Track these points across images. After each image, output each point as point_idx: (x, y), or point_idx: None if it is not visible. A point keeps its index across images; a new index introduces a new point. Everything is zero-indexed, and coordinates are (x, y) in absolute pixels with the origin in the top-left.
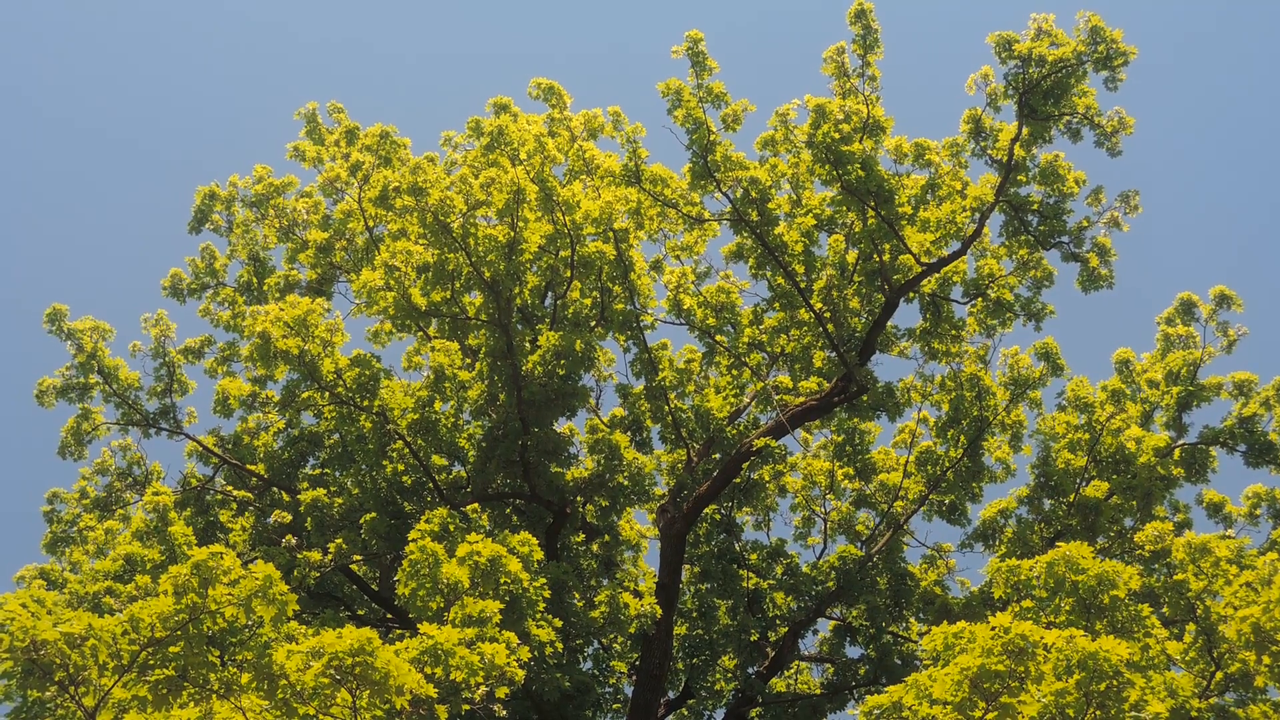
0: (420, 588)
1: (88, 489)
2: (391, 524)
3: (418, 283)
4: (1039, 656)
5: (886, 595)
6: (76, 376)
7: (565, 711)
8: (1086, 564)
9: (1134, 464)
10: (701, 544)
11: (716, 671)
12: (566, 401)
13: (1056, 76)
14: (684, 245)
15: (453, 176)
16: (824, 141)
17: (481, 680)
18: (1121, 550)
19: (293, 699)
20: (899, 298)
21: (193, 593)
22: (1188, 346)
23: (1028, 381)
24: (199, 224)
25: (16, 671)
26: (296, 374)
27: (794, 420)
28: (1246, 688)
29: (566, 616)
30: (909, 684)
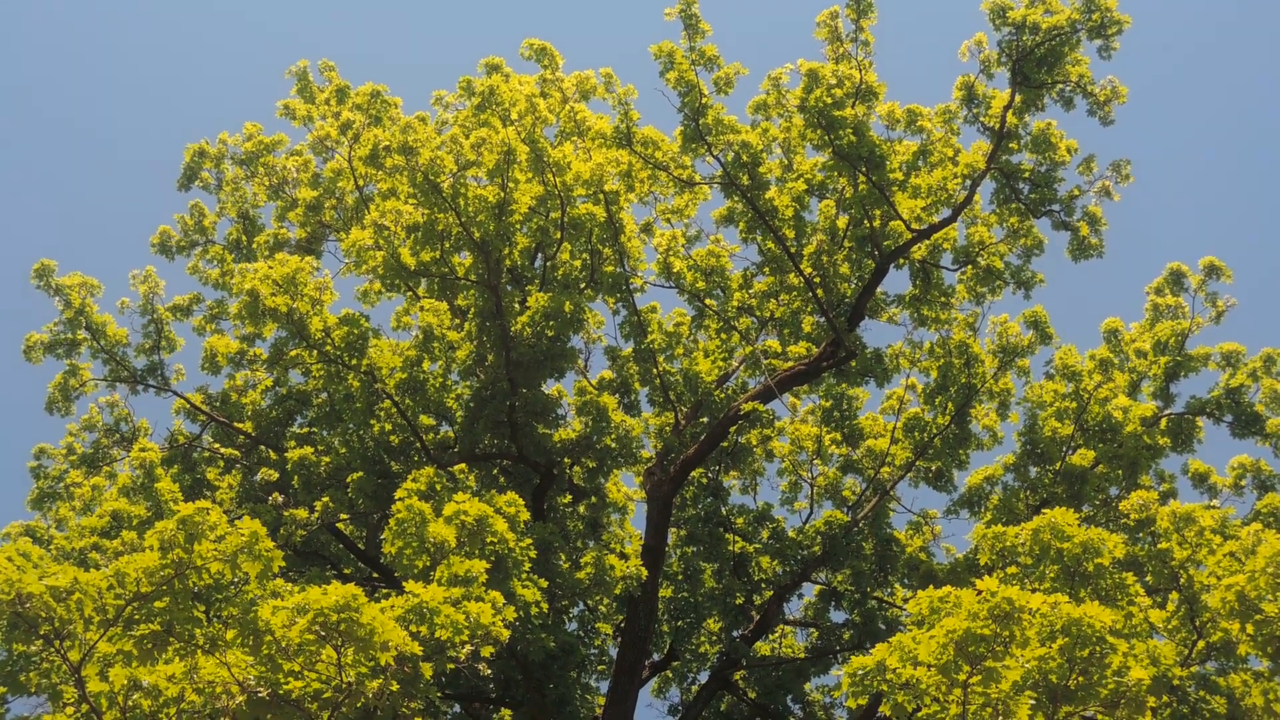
0: (407, 546)
1: (75, 445)
2: (378, 483)
3: (407, 242)
4: (1023, 622)
5: (872, 560)
6: (64, 332)
7: (550, 671)
8: (1071, 532)
9: (1120, 433)
10: (688, 507)
11: (701, 634)
12: (555, 363)
13: (1050, 44)
14: (674, 208)
15: (444, 136)
16: (816, 106)
17: (467, 639)
18: (1106, 519)
19: (278, 655)
20: (889, 264)
21: (179, 548)
22: (1176, 317)
23: (1016, 350)
24: (188, 181)
25: (2, 625)
26: (285, 332)
27: (782, 385)
28: (1228, 656)
29: (552, 577)
30: (893, 645)
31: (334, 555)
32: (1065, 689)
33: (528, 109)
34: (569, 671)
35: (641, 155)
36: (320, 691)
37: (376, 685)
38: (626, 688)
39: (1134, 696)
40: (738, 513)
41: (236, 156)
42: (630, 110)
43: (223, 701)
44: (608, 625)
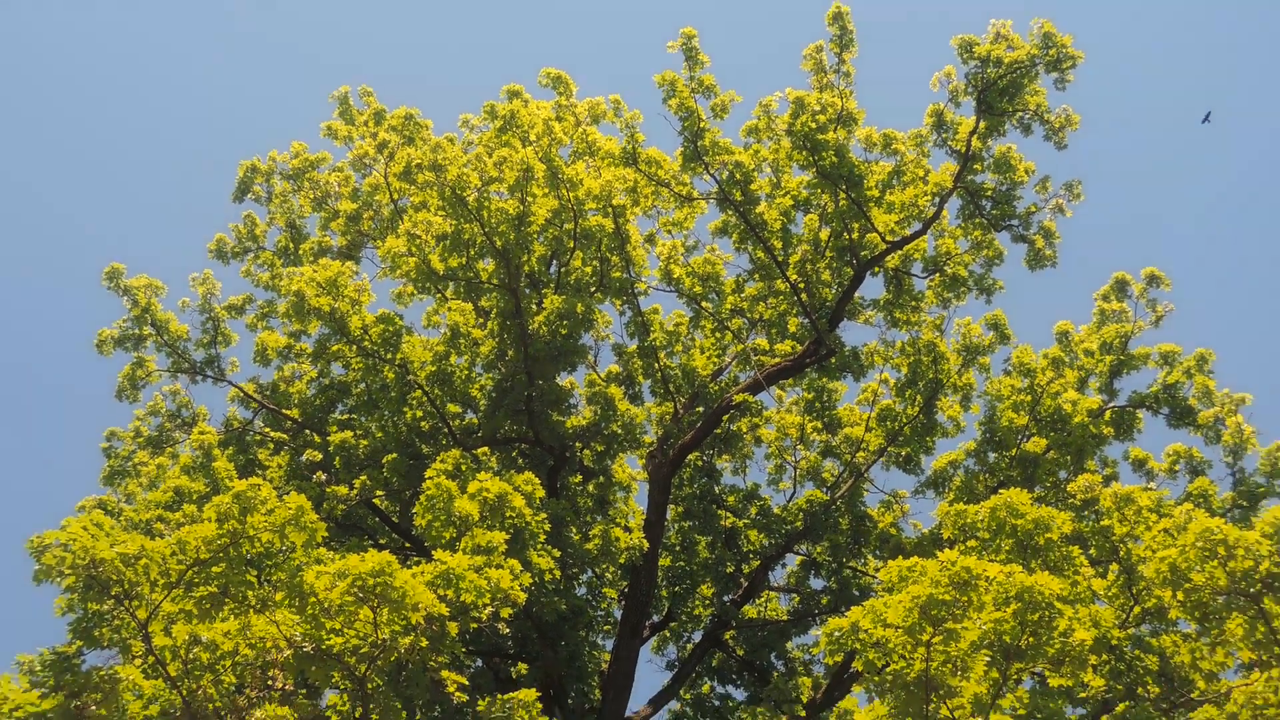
0: (435, 520)
1: (141, 429)
2: (410, 464)
3: (436, 250)
4: (981, 588)
5: (847, 535)
6: (132, 328)
7: (562, 631)
8: (1025, 510)
9: (1069, 423)
10: (685, 486)
11: (696, 599)
12: (568, 358)
13: (1012, 76)
14: (675, 221)
15: (469, 155)
16: (802, 130)
17: (488, 601)
18: (1056, 499)
19: (320, 614)
20: (865, 271)
21: (233, 520)
22: (1120, 320)
23: (978, 349)
24: (241, 194)
25: (78, 586)
26: (328, 329)
27: (769, 379)
28: (1161, 620)
29: (564, 548)
30: (866, 609)
31: (371, 527)
32: (1017, 648)
33: (544, 131)
34: (578, 631)
35: (646, 173)
36: (358, 647)
37: (408, 641)
38: (629, 645)
39: (1077, 655)
40: (729, 492)
41: (284, 172)
42: (636, 133)
43: (272, 655)
44: (613, 590)
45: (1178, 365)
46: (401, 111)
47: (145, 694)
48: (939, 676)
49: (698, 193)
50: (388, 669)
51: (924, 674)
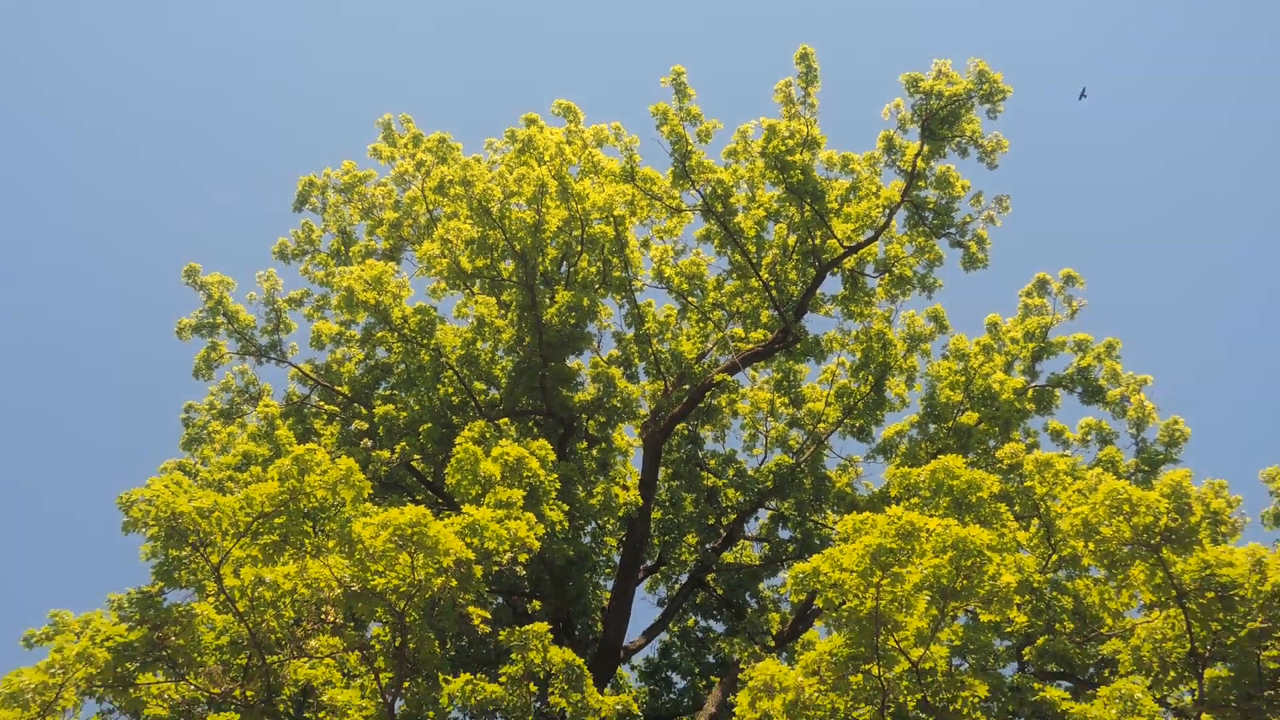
0: (463, 479)
1: (214, 402)
2: (442, 432)
3: (465, 253)
4: (922, 539)
5: (810, 493)
6: (207, 318)
7: (569, 573)
8: (959, 473)
9: (998, 400)
10: (673, 452)
11: (682, 546)
12: (575, 344)
13: (951, 108)
14: (666, 229)
15: (493, 173)
16: (773, 153)
17: (508, 548)
18: (986, 464)
19: (366, 559)
20: (826, 272)
21: (293, 479)
22: (1041, 313)
23: (920, 337)
24: (300, 204)
25: (160, 535)
26: (373, 319)
27: (744, 361)
28: (1075, 566)
29: (572, 503)
30: (825, 556)
31: (409, 485)
32: (953, 589)
33: (556, 153)
34: (584, 573)
35: (641, 189)
36: (398, 586)
37: (440, 582)
38: (626, 586)
39: (1004, 596)
40: (710, 456)
41: (336, 186)
42: (634, 154)
43: (325, 593)
44: (613, 539)
45: (1089, 351)
46: (436, 136)
47: (217, 626)
48: (887, 613)
49: (685, 205)
50: (423, 605)
51: (874, 611)
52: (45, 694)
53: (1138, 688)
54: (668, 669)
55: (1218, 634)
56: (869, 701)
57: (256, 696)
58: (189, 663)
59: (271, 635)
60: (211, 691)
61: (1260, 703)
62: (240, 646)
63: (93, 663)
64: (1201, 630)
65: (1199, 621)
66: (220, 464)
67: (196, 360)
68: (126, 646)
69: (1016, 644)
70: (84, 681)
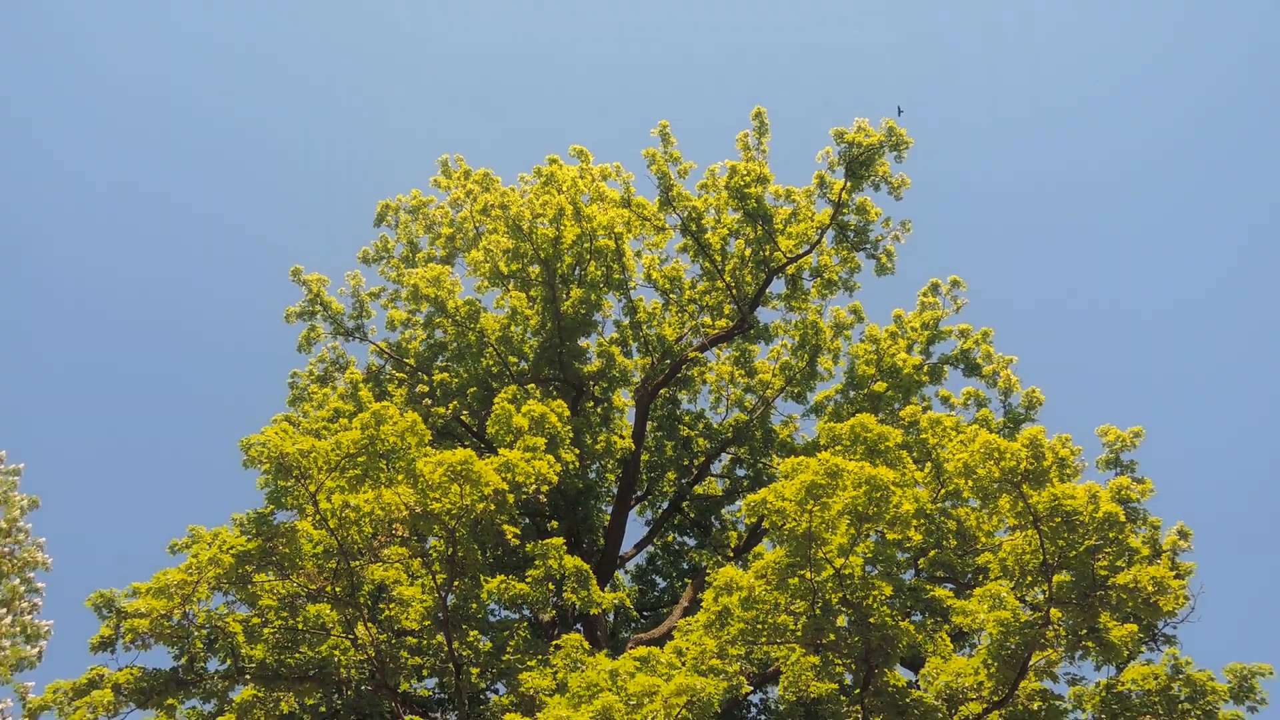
0: (500, 429)
1: (313, 371)
2: (485, 394)
3: (502, 259)
4: (844, 477)
5: (760, 442)
6: (308, 307)
7: (579, 500)
8: (872, 427)
9: (901, 373)
10: (658, 410)
11: (664, 481)
12: (585, 328)
13: (867, 154)
14: (653, 243)
15: (524, 199)
16: (735, 186)
17: (533, 481)
18: (892, 421)
19: (426, 489)
20: (773, 276)
21: (371, 429)
22: (934, 309)
23: (844, 325)
24: (379, 221)
25: (271, 470)
26: (433, 308)
27: (711, 343)
28: (957, 498)
29: (581, 447)
30: (771, 489)
31: (459, 434)
32: (866, 515)
33: (571, 185)
34: (590, 501)
35: (635, 212)
36: (450, 509)
37: (482, 506)
38: (622, 510)
39: (904, 519)
40: (685, 414)
41: (406, 208)
42: (630, 187)
43: (395, 515)
44: (612, 475)
45: (970, 337)
46: (481, 171)
47: (314, 539)
48: (817, 532)
49: (668, 225)
50: (469, 524)
51: (808, 530)
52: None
53: (1004, 589)
54: (652, 573)
55: (1063, 549)
56: (803, 598)
57: (343, 592)
58: (292, 566)
59: (354, 546)
60: (309, 588)
61: (1093, 600)
62: (331, 554)
63: (220, 565)
64: (1051, 546)
65: (1049, 540)
66: (317, 417)
67: (299, 339)
68: (245, 553)
69: (914, 556)
70: (214, 579)
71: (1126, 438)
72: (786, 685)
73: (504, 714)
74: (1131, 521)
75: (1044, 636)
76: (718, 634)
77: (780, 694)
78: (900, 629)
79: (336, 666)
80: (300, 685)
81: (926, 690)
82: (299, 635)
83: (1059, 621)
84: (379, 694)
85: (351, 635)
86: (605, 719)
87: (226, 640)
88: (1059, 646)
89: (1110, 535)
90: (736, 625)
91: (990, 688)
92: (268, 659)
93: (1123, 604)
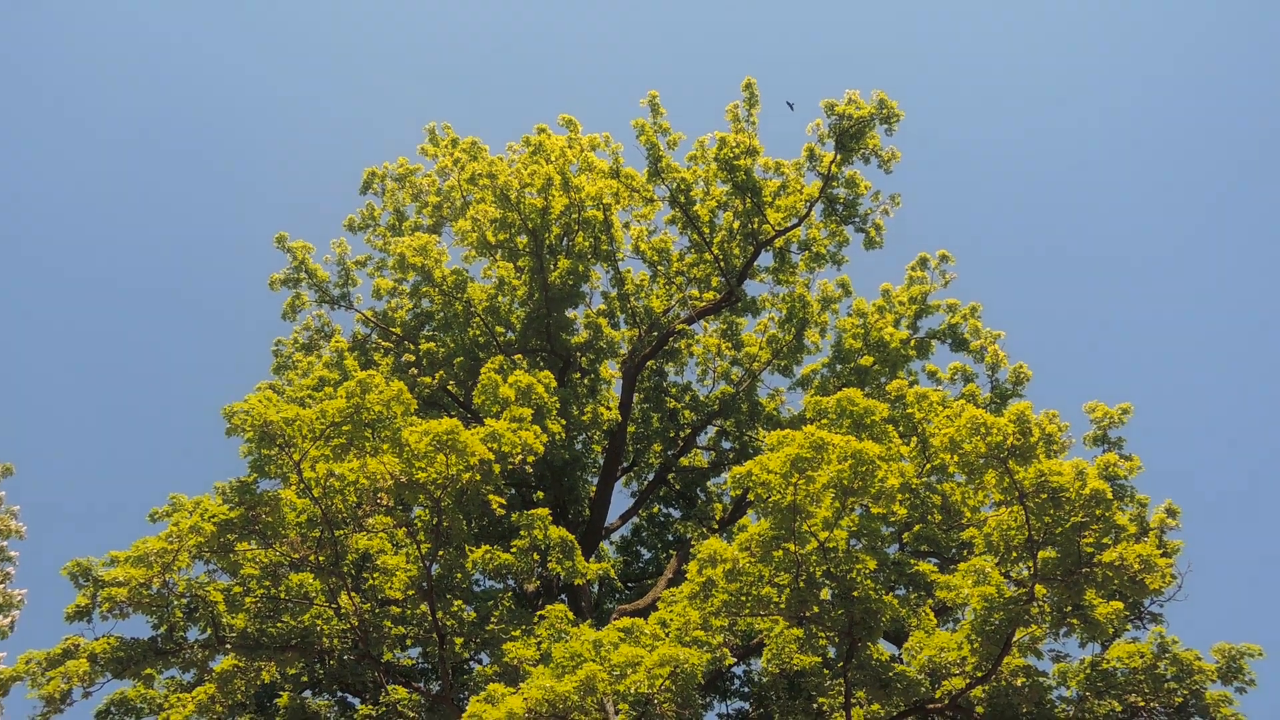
0: (487, 399)
1: (297, 338)
2: (471, 364)
3: (490, 229)
4: (829, 450)
5: (746, 414)
6: (293, 274)
7: (565, 471)
8: (858, 401)
9: (888, 348)
10: (645, 382)
11: (650, 453)
12: (573, 299)
13: (858, 127)
14: (642, 214)
15: (512, 169)
16: (724, 158)
17: (520, 452)
18: (878, 395)
19: (412, 458)
20: (761, 249)
21: (357, 397)
22: (922, 283)
23: (831, 299)
24: (365, 189)
25: (254, 438)
26: (420, 277)
27: (699, 315)
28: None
29: (568, 418)
30: (756, 461)
31: (445, 404)
32: (851, 488)
33: (560, 155)
34: (576, 472)
35: (624, 183)
36: (436, 479)
37: (468, 476)
38: (608, 481)
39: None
40: (672, 386)
41: (393, 176)
42: (619, 158)
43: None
44: (598, 446)
45: (958, 312)
46: (469, 139)
47: (297, 508)
48: (802, 505)
49: (657, 196)
50: (454, 493)
51: (792, 503)
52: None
53: (988, 564)
54: (637, 544)
55: (1048, 525)
56: (787, 570)
57: (326, 561)
58: (275, 535)
59: (338, 515)
60: (292, 557)
61: (1078, 577)
62: (315, 523)
63: (202, 533)
64: (1036, 522)
65: (1035, 516)
66: (301, 385)
67: (284, 306)
68: (228, 522)
69: (898, 530)
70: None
71: (1115, 414)
72: (770, 657)
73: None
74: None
75: (1028, 613)
76: (702, 605)
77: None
78: (884, 603)
79: (319, 636)
80: (282, 655)
81: (909, 664)
82: (281, 604)
83: (1044, 598)
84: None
85: (335, 604)
86: (589, 689)
87: (207, 609)
88: (1043, 623)
89: (1097, 512)
90: (720, 597)
91: (974, 663)
92: (249, 628)
93: (1108, 581)
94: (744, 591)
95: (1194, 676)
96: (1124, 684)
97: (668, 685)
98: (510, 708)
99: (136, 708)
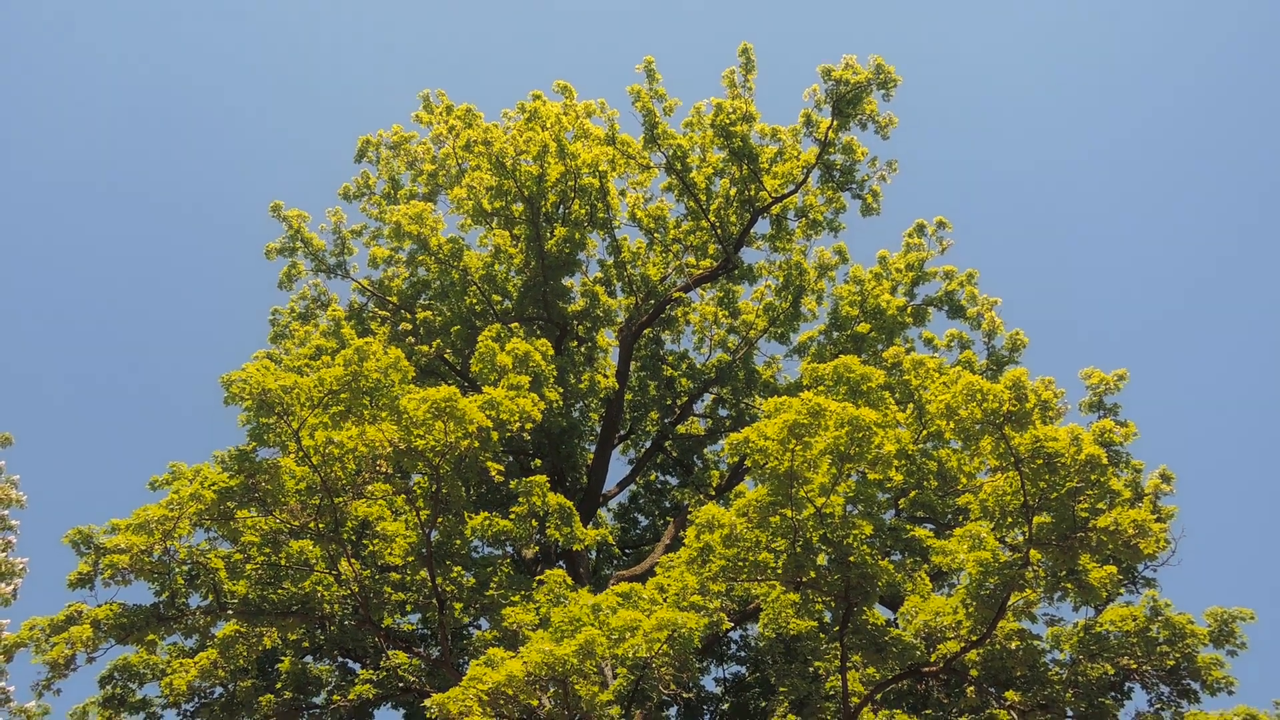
0: (484, 367)
1: (294, 307)
2: (468, 332)
3: (486, 197)
4: (826, 416)
5: (742, 382)
6: (288, 243)
7: (563, 439)
8: (855, 368)
9: (885, 315)
10: (642, 350)
11: (647, 420)
12: (569, 267)
13: (855, 92)
14: (638, 181)
15: (508, 136)
16: (720, 124)
17: (518, 419)
18: (875, 362)
19: (410, 425)
20: (758, 216)
21: (354, 365)
22: (919, 250)
23: (828, 266)
24: (360, 157)
25: (253, 407)
26: (416, 246)
27: (695, 283)
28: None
29: (566, 386)
30: (754, 428)
31: (443, 373)
32: (849, 454)
33: (556, 121)
34: (574, 439)
35: (620, 150)
36: (434, 446)
37: (466, 444)
38: (605, 448)
39: (886, 459)
40: (669, 354)
41: (387, 144)
42: (615, 124)
43: (379, 451)
44: (596, 414)
45: (955, 278)
46: (464, 106)
47: (296, 475)
48: (799, 471)
49: (653, 163)
50: (453, 460)
51: (789, 469)
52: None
53: (984, 529)
54: (635, 511)
55: (1043, 491)
56: (784, 536)
57: (326, 528)
58: (275, 502)
59: (338, 482)
60: (292, 524)
61: (1073, 542)
62: (314, 490)
63: (202, 501)
64: (1032, 488)
65: (1030, 481)
66: (299, 354)
67: (280, 275)
68: (228, 489)
69: (894, 496)
70: (195, 515)
71: (1110, 381)
72: (766, 622)
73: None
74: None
75: (1023, 577)
76: (699, 571)
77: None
78: (880, 568)
79: (320, 602)
80: (283, 620)
81: (905, 629)
82: (282, 571)
83: (1038, 563)
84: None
85: (335, 571)
86: (588, 652)
87: (208, 576)
88: (1038, 587)
89: (1092, 478)
90: (718, 562)
91: (969, 627)
92: (250, 594)
93: (1103, 546)
94: (741, 557)
95: (1186, 640)
96: (1117, 647)
97: (665, 649)
98: (510, 671)
99: (140, 673)
